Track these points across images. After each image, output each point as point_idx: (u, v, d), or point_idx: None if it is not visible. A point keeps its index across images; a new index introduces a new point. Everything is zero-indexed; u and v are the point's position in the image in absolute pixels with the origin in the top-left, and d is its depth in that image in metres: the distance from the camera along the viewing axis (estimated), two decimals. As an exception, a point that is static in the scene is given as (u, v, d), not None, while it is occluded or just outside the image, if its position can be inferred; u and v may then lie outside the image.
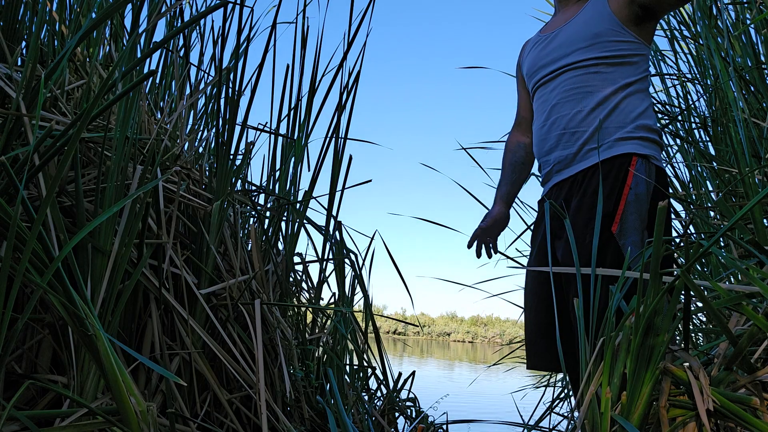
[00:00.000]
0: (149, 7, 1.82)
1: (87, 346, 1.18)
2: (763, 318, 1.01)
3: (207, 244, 1.93)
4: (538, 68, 1.65)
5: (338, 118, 2.53)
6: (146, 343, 1.72)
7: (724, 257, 1.25)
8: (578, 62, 1.54)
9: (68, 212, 1.60)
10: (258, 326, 1.77)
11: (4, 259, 1.04)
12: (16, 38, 1.77)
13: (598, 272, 1.22)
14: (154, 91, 2.33)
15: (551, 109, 1.58)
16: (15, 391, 1.39)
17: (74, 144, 1.19)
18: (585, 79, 1.52)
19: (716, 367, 1.14)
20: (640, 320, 1.07)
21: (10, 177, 1.07)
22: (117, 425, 1.13)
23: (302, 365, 2.25)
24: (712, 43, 2.08)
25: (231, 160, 2.07)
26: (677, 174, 2.64)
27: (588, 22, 1.56)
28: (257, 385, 1.72)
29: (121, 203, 1.29)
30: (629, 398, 1.07)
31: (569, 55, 1.56)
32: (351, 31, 2.49)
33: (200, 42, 2.49)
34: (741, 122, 1.82)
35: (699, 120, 2.53)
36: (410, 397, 2.66)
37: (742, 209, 1.02)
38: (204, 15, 1.57)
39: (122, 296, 1.48)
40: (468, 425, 2.77)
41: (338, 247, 2.62)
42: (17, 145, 1.44)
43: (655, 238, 1.09)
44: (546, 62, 1.62)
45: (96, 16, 2.00)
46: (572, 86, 1.54)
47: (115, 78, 1.46)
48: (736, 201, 2.12)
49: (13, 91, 1.48)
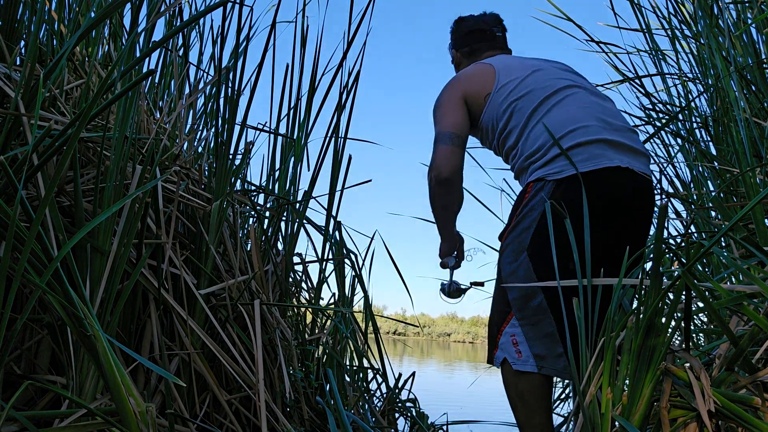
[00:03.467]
0: (148, 6, 1.81)
1: (86, 347, 1.18)
2: (764, 318, 1.01)
3: (206, 244, 1.92)
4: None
5: (338, 118, 2.53)
6: (145, 344, 1.72)
7: (725, 257, 1.25)
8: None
9: (67, 212, 1.59)
10: (257, 326, 1.77)
11: (2, 259, 1.04)
12: (15, 37, 1.76)
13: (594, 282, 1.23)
14: (153, 91, 2.33)
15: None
16: (14, 392, 1.38)
17: (73, 144, 1.18)
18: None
19: (717, 368, 1.14)
20: (640, 321, 1.06)
21: (9, 177, 1.07)
22: (116, 426, 1.13)
23: (302, 366, 2.25)
24: (713, 42, 2.08)
25: (230, 160, 2.06)
26: (678, 174, 2.63)
27: None
28: (257, 386, 1.71)
29: (120, 203, 1.29)
30: (630, 399, 1.07)
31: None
32: (351, 30, 2.49)
33: (200, 41, 2.49)
34: (742, 122, 1.82)
35: (700, 119, 2.53)
36: (410, 398, 2.65)
37: (743, 209, 1.02)
38: (203, 14, 1.56)
39: (121, 296, 1.48)
40: (468, 425, 2.77)
41: (338, 247, 2.62)
42: (16, 145, 1.44)
43: (655, 239, 1.08)
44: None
45: (95, 16, 1.99)
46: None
47: (114, 77, 1.46)
48: (738, 201, 2.12)
49: (12, 90, 1.48)
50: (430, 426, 2.50)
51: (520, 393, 1.50)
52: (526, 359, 1.49)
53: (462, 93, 1.72)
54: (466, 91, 1.72)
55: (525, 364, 1.49)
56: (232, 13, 2.23)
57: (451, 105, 1.71)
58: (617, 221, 1.50)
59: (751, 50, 2.14)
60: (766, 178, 1.86)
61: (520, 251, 1.53)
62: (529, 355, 1.48)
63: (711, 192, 2.31)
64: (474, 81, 1.72)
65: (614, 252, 1.40)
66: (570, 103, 1.60)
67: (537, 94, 1.63)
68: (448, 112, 1.71)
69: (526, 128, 1.61)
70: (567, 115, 1.57)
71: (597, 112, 1.58)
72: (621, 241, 1.43)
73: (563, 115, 1.57)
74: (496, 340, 1.57)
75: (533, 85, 1.65)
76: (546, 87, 1.64)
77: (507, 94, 1.66)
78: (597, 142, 1.52)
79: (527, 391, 1.48)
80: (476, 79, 1.72)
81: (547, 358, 1.48)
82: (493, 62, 1.76)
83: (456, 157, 1.67)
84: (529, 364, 1.48)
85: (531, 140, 1.59)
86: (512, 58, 1.81)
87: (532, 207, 1.53)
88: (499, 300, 1.61)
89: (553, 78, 1.68)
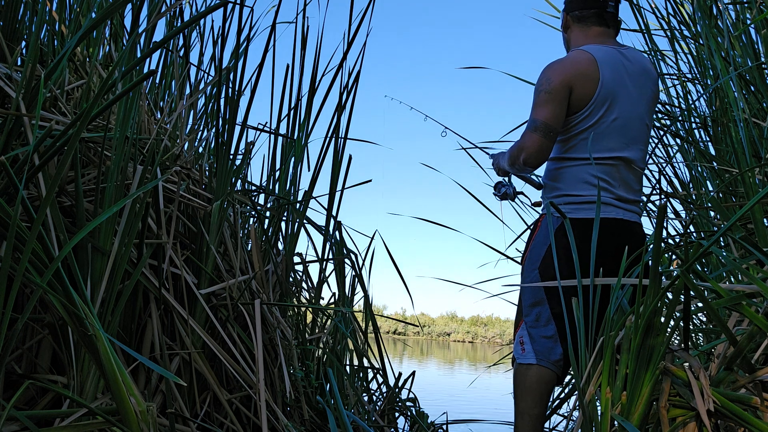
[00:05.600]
0: (149, 7, 1.82)
1: (87, 346, 1.18)
2: (763, 318, 1.01)
3: (207, 244, 1.93)
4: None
5: (338, 118, 2.53)
6: (146, 343, 1.72)
7: (724, 257, 1.25)
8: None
9: (68, 212, 1.60)
10: (258, 326, 1.77)
11: (3, 259, 1.04)
12: (16, 38, 1.77)
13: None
14: (154, 91, 2.33)
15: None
16: (15, 391, 1.39)
17: (74, 144, 1.19)
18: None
19: (716, 367, 1.14)
20: (639, 320, 1.07)
21: (10, 177, 1.07)
22: (117, 425, 1.13)
23: (302, 365, 2.25)
24: (712, 42, 2.08)
25: (231, 160, 2.07)
26: (677, 174, 2.64)
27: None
28: (257, 385, 1.72)
29: (121, 203, 1.29)
30: (629, 398, 1.07)
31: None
32: (351, 30, 2.49)
33: (200, 42, 2.49)
34: (741, 122, 1.82)
35: (699, 120, 2.53)
36: (410, 397, 2.66)
37: (742, 209, 1.02)
38: (204, 15, 1.57)
39: (122, 296, 1.48)
40: (468, 425, 2.77)
41: (338, 247, 2.62)
42: (17, 145, 1.44)
43: (655, 239, 1.09)
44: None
45: (96, 16, 2.00)
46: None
47: (115, 78, 1.46)
48: (736, 201, 2.12)
49: (13, 90, 1.48)
50: (430, 425, 2.51)
51: (526, 384, 1.73)
52: (527, 353, 1.75)
53: (569, 87, 1.75)
54: (574, 87, 1.75)
55: (526, 357, 1.74)
56: (233, 13, 2.23)
57: (558, 96, 1.74)
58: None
59: (750, 51, 2.15)
60: (765, 178, 1.86)
61: (533, 266, 1.79)
62: (530, 350, 1.75)
63: (710, 192, 2.32)
64: (582, 82, 1.75)
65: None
66: (621, 169, 1.77)
67: (610, 141, 1.76)
68: (553, 102, 1.74)
69: (578, 161, 1.77)
70: (611, 177, 1.76)
71: (630, 181, 1.79)
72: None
73: (609, 175, 1.76)
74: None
75: (612, 128, 1.76)
76: (618, 135, 1.77)
77: (594, 117, 1.76)
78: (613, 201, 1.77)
79: (533, 382, 1.72)
80: (584, 81, 1.76)
81: (544, 353, 1.73)
82: (600, 65, 1.76)
83: (547, 152, 1.77)
84: (529, 357, 1.74)
85: (578, 173, 1.77)
86: (613, 58, 1.80)
87: (546, 236, 1.75)
88: (518, 308, 1.87)
89: (627, 125, 1.77)
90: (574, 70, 1.76)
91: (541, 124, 1.73)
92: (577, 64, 1.77)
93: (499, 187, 2.04)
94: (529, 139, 1.75)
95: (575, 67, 1.76)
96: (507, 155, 1.89)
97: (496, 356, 12.33)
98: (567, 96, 1.75)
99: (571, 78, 1.74)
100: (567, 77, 1.74)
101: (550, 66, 1.79)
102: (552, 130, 1.74)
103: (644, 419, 1.07)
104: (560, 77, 1.74)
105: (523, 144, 1.77)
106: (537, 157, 1.76)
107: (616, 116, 1.75)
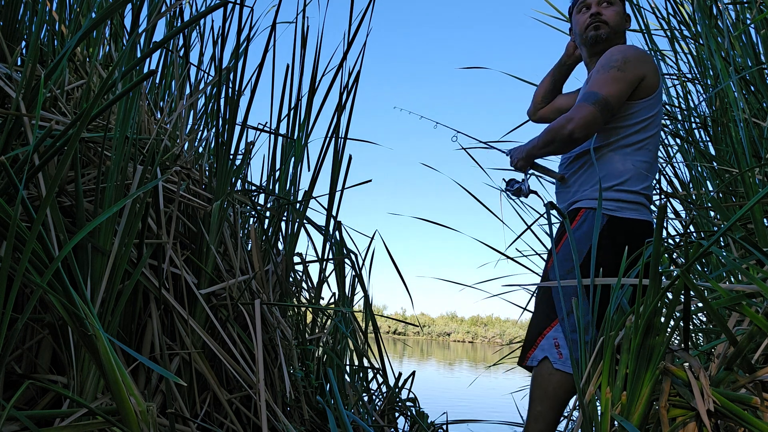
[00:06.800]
0: (149, 7, 1.82)
1: (87, 346, 1.18)
2: (763, 318, 1.01)
3: (207, 244, 1.93)
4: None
5: (338, 118, 2.53)
6: (146, 343, 1.72)
7: (724, 257, 1.25)
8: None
9: (68, 212, 1.60)
10: (258, 326, 1.77)
11: (3, 259, 1.04)
12: (16, 38, 1.77)
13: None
14: (154, 91, 2.33)
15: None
16: (15, 391, 1.39)
17: (74, 144, 1.19)
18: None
19: (716, 367, 1.14)
20: (639, 320, 1.07)
21: (10, 177, 1.07)
22: (117, 425, 1.13)
23: (302, 365, 2.25)
24: (712, 43, 2.08)
25: (231, 160, 2.07)
26: (677, 174, 2.64)
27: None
28: (257, 385, 1.72)
29: (120, 203, 1.29)
30: (629, 398, 1.07)
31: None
32: (351, 31, 2.50)
33: (200, 42, 2.49)
34: (741, 122, 1.82)
35: (699, 120, 2.53)
36: (410, 397, 2.66)
37: (742, 209, 1.02)
38: (204, 15, 1.57)
39: (122, 296, 1.48)
40: (468, 425, 2.77)
41: (338, 247, 2.62)
42: (17, 145, 1.44)
43: (655, 239, 1.09)
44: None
45: (96, 16, 2.00)
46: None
47: (115, 78, 1.46)
48: (736, 201, 2.12)
49: (13, 90, 1.48)
50: (430, 425, 2.51)
51: (550, 389, 1.63)
52: (566, 361, 1.62)
53: (643, 75, 1.72)
54: (647, 75, 1.73)
55: (564, 365, 1.62)
56: (233, 13, 2.24)
57: (628, 79, 1.70)
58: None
59: (750, 51, 2.15)
60: (765, 178, 1.86)
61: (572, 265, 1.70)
62: (568, 358, 1.61)
63: (710, 192, 2.32)
64: (653, 73, 1.74)
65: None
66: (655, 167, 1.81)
67: (657, 140, 1.79)
68: (622, 81, 1.69)
69: (635, 146, 1.74)
70: (653, 172, 1.78)
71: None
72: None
73: (653, 171, 1.78)
74: (536, 342, 1.70)
75: (659, 128, 1.80)
76: (658, 137, 1.79)
77: (654, 108, 1.75)
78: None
79: (558, 388, 1.62)
80: (654, 73, 1.75)
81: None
82: (656, 68, 1.78)
83: (596, 128, 1.70)
84: (567, 366, 1.61)
85: (631, 162, 1.73)
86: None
87: (585, 233, 1.69)
88: (544, 306, 1.74)
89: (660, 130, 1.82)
90: (650, 60, 1.75)
91: (603, 99, 1.67)
92: (650, 57, 1.77)
93: (513, 183, 1.97)
94: (584, 110, 1.67)
95: (650, 58, 1.76)
96: (539, 138, 1.81)
97: (496, 356, 12.33)
98: (636, 84, 1.71)
99: (647, 67, 1.72)
100: (645, 65, 1.72)
101: (627, 49, 1.74)
102: (610, 109, 1.68)
103: (644, 419, 1.07)
104: (638, 62, 1.71)
105: (573, 115, 1.69)
106: (586, 129, 1.67)
107: (656, 136, 1.78)
